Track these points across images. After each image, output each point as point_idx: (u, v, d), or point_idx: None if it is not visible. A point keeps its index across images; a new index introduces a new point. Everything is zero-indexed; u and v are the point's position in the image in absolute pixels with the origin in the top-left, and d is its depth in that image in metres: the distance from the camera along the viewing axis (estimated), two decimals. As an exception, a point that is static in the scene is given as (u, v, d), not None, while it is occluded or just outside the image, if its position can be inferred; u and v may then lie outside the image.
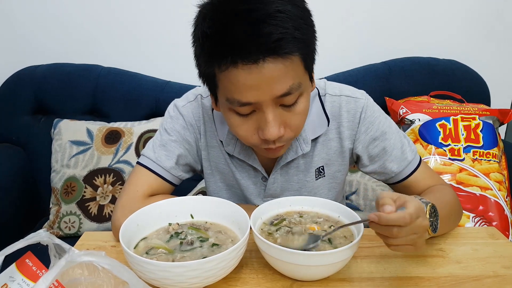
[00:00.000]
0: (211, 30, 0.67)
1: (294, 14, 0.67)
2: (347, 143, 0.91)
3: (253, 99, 0.70)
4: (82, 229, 1.45)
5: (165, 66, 1.70)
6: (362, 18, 1.67)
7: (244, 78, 0.67)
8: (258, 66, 0.66)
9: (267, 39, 0.64)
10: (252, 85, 0.68)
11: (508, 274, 0.72)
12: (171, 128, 0.92)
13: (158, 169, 0.89)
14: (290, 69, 0.68)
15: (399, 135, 0.92)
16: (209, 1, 0.71)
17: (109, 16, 1.67)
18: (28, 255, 0.59)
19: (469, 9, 1.69)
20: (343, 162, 0.94)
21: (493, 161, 1.39)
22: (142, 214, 0.75)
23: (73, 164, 1.49)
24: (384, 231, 0.62)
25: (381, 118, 0.91)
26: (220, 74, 0.70)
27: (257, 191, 0.96)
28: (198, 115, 0.93)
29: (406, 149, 0.91)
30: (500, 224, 1.30)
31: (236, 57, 0.66)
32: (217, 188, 0.99)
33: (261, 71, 0.66)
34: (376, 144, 0.90)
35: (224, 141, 0.91)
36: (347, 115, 0.90)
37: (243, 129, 0.76)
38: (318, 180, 0.95)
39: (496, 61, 1.75)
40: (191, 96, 0.94)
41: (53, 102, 1.61)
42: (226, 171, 0.96)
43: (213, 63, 0.69)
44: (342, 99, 0.90)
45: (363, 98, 0.90)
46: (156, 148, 0.91)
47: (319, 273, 0.68)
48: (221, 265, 0.63)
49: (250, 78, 0.67)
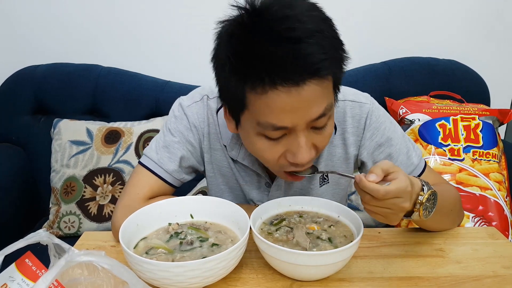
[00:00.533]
0: (245, 51, 0.63)
1: (330, 34, 0.65)
2: (351, 149, 0.90)
3: (290, 124, 0.66)
4: (82, 229, 1.45)
5: (165, 66, 1.70)
6: (362, 18, 1.67)
7: (283, 101, 0.63)
8: (298, 89, 0.62)
9: (310, 61, 0.62)
10: (290, 109, 0.64)
11: (508, 274, 0.72)
12: (175, 128, 0.90)
13: (161, 172, 0.88)
14: (326, 90, 0.67)
15: (404, 140, 0.90)
16: (237, 18, 0.66)
17: (109, 16, 1.67)
18: (28, 255, 0.59)
19: (469, 9, 1.69)
20: (347, 169, 0.92)
21: (492, 161, 1.39)
22: (142, 214, 0.75)
23: (73, 164, 1.49)
24: (360, 193, 0.66)
25: (387, 124, 0.89)
26: (252, 96, 0.66)
27: (260, 196, 0.94)
28: (203, 117, 0.90)
29: (411, 154, 0.90)
30: (499, 224, 1.30)
31: (276, 79, 0.62)
32: (220, 191, 0.97)
33: (300, 93, 0.63)
34: (382, 150, 0.89)
35: (228, 145, 0.89)
36: (351, 121, 0.87)
37: (271, 153, 0.72)
38: (322, 187, 0.93)
39: (496, 61, 1.75)
40: (197, 96, 0.91)
41: (53, 102, 1.61)
42: (229, 175, 0.94)
43: (246, 85, 0.65)
44: (347, 104, 0.87)
45: (368, 103, 0.88)
46: (159, 149, 0.89)
47: (319, 273, 0.68)
48: (221, 265, 0.63)
49: (289, 101, 0.63)
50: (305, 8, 0.65)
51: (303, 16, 0.63)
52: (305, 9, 0.65)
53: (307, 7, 0.66)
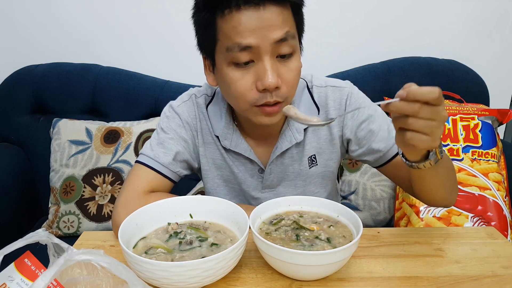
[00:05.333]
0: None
1: None
2: (335, 130, 0.95)
3: (254, 42, 0.74)
4: (81, 228, 1.44)
5: (164, 65, 1.70)
6: (361, 18, 1.67)
7: (246, 20, 0.73)
8: (259, 10, 0.73)
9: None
10: (253, 28, 0.74)
11: (507, 274, 0.72)
12: (168, 126, 0.95)
13: (157, 165, 0.91)
14: (286, 17, 0.76)
15: (384, 117, 0.94)
16: None
17: (109, 16, 1.67)
18: (27, 255, 0.59)
19: (469, 9, 1.69)
20: (333, 150, 0.97)
21: (492, 161, 1.39)
22: (141, 214, 0.75)
23: (72, 163, 1.49)
24: (407, 109, 0.62)
25: (367, 103, 0.95)
26: (222, 23, 0.76)
27: (254, 184, 0.98)
28: (194, 113, 0.96)
29: (392, 130, 0.93)
30: (498, 224, 1.30)
31: (240, 2, 0.73)
32: (215, 185, 1.01)
33: (262, 15, 0.73)
34: (363, 127, 0.93)
35: (220, 135, 0.94)
36: (333, 103, 0.94)
37: (242, 84, 0.78)
38: (312, 169, 0.97)
39: (496, 61, 1.75)
40: (185, 97, 0.98)
41: (52, 102, 1.61)
42: (223, 166, 0.98)
43: (216, 10, 0.75)
44: (328, 89, 0.94)
45: (348, 87, 0.95)
46: (154, 146, 0.93)
47: (318, 272, 0.68)
48: (220, 264, 0.63)
49: (251, 20, 0.73)
50: None
51: None
52: None
53: None
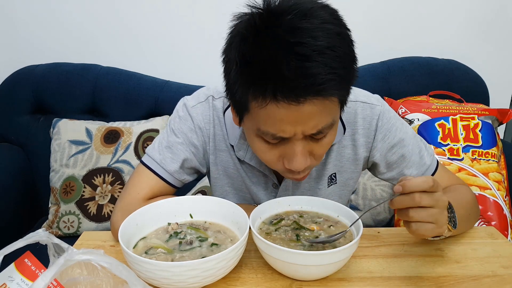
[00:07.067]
0: (253, 57, 0.63)
1: (343, 51, 0.63)
2: (361, 150, 0.89)
3: (288, 135, 0.67)
4: (81, 228, 1.45)
5: (164, 65, 1.70)
6: (361, 18, 1.67)
7: (283, 114, 0.64)
8: (299, 105, 0.62)
9: (314, 80, 0.60)
10: (289, 122, 0.65)
11: (507, 274, 0.72)
12: (179, 129, 0.89)
13: (162, 172, 0.87)
14: (328, 108, 0.66)
15: (416, 140, 0.90)
16: (251, 22, 0.64)
17: (109, 16, 1.67)
18: (27, 255, 0.59)
19: (468, 9, 1.69)
20: (355, 170, 0.92)
21: (492, 161, 1.39)
22: (141, 214, 0.75)
23: (72, 163, 1.49)
24: (407, 202, 0.62)
25: (398, 125, 0.88)
26: (254, 104, 0.66)
27: (267, 198, 0.93)
28: (208, 118, 0.89)
29: (424, 154, 0.90)
30: (499, 224, 1.31)
31: (278, 93, 0.62)
32: (224, 192, 0.96)
33: (301, 109, 0.63)
34: (394, 151, 0.88)
35: (236, 145, 0.88)
36: (362, 122, 0.87)
37: (269, 156, 0.73)
38: (330, 187, 0.93)
39: (495, 61, 1.75)
40: (202, 97, 0.90)
41: (52, 102, 1.61)
42: (235, 176, 0.93)
43: (249, 91, 0.65)
44: (358, 105, 0.87)
45: (379, 105, 0.87)
46: (162, 149, 0.88)
47: (318, 272, 0.68)
48: (220, 264, 0.63)
49: (288, 115, 0.64)
50: (321, 20, 0.62)
51: (317, 30, 0.61)
52: (322, 20, 0.62)
53: (323, 19, 0.62)
